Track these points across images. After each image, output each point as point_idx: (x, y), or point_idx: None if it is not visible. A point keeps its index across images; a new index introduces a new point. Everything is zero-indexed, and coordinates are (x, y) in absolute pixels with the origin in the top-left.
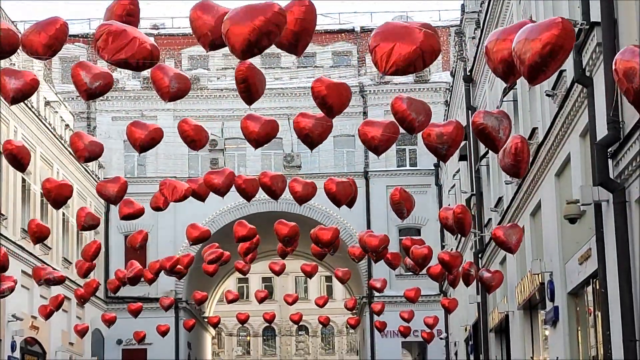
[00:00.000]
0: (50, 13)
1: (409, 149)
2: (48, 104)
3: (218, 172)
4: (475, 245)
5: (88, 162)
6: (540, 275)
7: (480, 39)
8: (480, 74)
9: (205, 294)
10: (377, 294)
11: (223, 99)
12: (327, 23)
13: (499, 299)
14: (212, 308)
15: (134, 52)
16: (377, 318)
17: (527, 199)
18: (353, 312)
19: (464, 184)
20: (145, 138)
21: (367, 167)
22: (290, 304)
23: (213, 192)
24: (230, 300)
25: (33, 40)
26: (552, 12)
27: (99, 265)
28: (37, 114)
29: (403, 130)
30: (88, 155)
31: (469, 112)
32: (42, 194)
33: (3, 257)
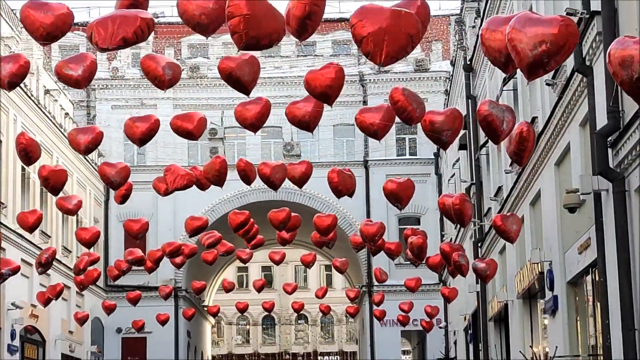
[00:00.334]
0: None
1: (409, 138)
2: (48, 93)
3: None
4: (475, 235)
5: (88, 153)
6: (540, 265)
7: (481, 28)
8: (481, 63)
9: (204, 283)
10: (376, 283)
11: (222, 88)
12: (327, 12)
13: (498, 288)
14: (211, 297)
15: (127, 28)
16: (376, 307)
17: (526, 188)
18: (353, 301)
19: (464, 173)
20: (145, 131)
21: (366, 156)
22: (290, 293)
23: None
24: (227, 290)
25: (36, 22)
26: (552, 0)
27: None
28: (36, 103)
29: (399, 120)
30: (86, 147)
31: (469, 101)
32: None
33: None
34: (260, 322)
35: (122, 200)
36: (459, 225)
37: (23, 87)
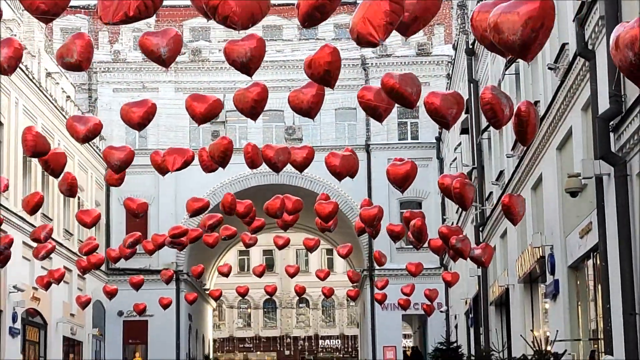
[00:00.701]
0: None
1: (410, 122)
2: (49, 75)
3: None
4: (476, 219)
5: (86, 142)
6: (541, 249)
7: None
8: (483, 47)
9: (202, 267)
10: (377, 267)
11: (224, 71)
12: None
13: (499, 273)
14: (213, 280)
15: (130, 3)
16: (377, 291)
17: (528, 173)
18: (354, 284)
19: (466, 157)
20: (142, 115)
21: (368, 140)
22: (292, 276)
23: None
24: (225, 274)
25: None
26: None
27: (100, 238)
28: (38, 86)
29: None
30: (85, 135)
31: (471, 85)
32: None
33: None
34: (262, 305)
35: (118, 183)
36: (461, 209)
37: (24, 69)
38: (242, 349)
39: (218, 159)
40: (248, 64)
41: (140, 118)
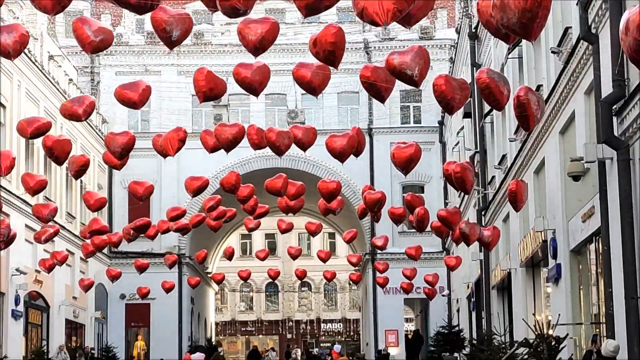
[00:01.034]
0: None
1: (413, 106)
2: (52, 58)
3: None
4: (479, 203)
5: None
6: (543, 233)
7: None
8: (486, 31)
9: (205, 251)
10: (380, 251)
11: (227, 55)
12: None
13: (502, 257)
14: (215, 264)
15: None
16: (379, 275)
17: (531, 156)
18: (356, 268)
19: (468, 141)
20: (139, 97)
21: (371, 124)
22: (294, 258)
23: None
24: (228, 257)
25: None
26: None
27: (102, 221)
28: (40, 68)
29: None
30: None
31: (474, 69)
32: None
33: None
34: (264, 289)
35: (120, 166)
36: (463, 193)
37: (27, 52)
38: (244, 333)
39: (226, 144)
40: (260, 45)
41: (140, 99)
